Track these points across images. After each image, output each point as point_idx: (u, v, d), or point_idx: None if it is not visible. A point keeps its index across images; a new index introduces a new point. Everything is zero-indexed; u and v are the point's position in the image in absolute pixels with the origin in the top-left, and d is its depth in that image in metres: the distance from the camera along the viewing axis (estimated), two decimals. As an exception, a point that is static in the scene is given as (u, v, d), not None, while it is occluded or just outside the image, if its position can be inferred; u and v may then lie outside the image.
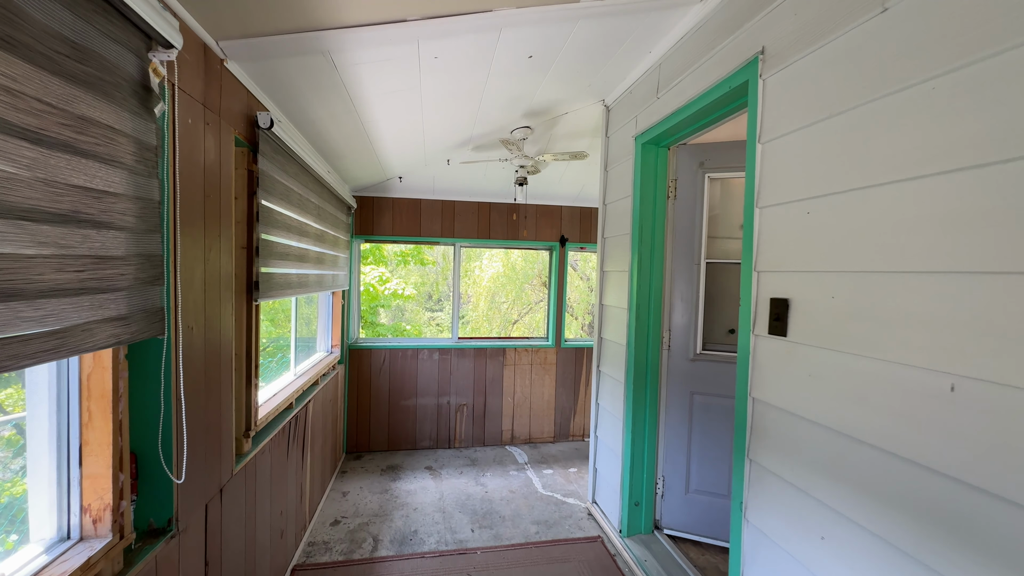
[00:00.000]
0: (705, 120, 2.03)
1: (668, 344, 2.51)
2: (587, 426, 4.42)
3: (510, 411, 4.26)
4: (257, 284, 1.78)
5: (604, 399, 2.85)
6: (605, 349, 2.85)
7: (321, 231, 2.74)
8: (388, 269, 9.80)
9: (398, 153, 3.11)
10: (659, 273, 2.48)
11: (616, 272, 2.73)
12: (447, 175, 3.71)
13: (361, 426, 4.00)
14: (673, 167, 2.47)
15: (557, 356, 4.33)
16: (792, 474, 1.40)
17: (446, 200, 4.06)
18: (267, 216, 1.86)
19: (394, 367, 4.04)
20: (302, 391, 2.62)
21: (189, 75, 1.32)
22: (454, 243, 4.17)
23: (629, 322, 2.51)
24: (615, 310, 2.72)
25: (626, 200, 2.59)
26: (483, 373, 4.19)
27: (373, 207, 3.95)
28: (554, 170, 3.73)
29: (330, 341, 3.59)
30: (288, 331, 3.30)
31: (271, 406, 2.15)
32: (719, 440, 2.41)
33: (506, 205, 4.15)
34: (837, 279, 1.26)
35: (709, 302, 2.46)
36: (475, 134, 3.01)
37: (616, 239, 2.74)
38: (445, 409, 4.13)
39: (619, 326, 2.65)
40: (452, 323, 4.23)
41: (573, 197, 4.16)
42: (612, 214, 2.81)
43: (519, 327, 10.52)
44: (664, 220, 2.48)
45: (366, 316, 7.46)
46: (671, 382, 2.50)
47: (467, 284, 10.45)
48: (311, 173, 2.49)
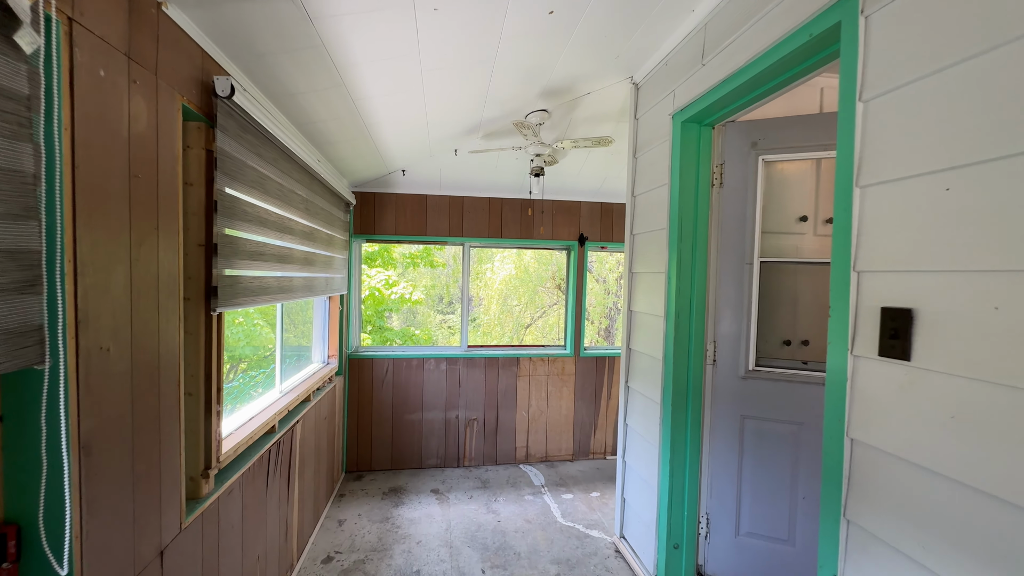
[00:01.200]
0: (766, 87, 1.65)
1: (713, 358, 2.12)
2: (609, 443, 4.04)
3: (524, 426, 3.89)
4: (216, 290, 1.45)
5: (634, 420, 2.47)
6: (635, 362, 2.48)
7: (310, 228, 2.41)
8: (397, 272, 9.52)
9: (399, 141, 2.77)
10: (702, 275, 2.10)
11: (648, 274, 2.35)
12: (455, 167, 3.37)
13: (362, 443, 3.66)
14: (718, 149, 2.09)
15: (576, 366, 3.95)
16: (921, 550, 1.01)
17: (454, 196, 3.72)
18: (231, 207, 1.53)
19: (398, 378, 3.70)
20: (288, 411, 2.29)
21: (100, 11, 0.99)
22: (463, 243, 3.83)
23: (666, 332, 2.14)
24: (647, 318, 2.34)
25: (661, 190, 2.22)
26: (495, 385, 3.84)
27: (374, 204, 3.62)
28: (573, 161, 3.36)
29: (326, 351, 3.27)
30: (288, 338, 2.98)
31: (244, 433, 1.82)
32: (777, 474, 2.02)
33: (519, 201, 3.80)
34: (1007, 283, 0.88)
35: (763, 309, 2.07)
36: (485, 118, 2.66)
37: (648, 236, 2.36)
38: (453, 424, 3.79)
39: (653, 337, 2.27)
40: (461, 330, 3.88)
41: (593, 191, 3.78)
42: (643, 207, 2.43)
43: (532, 332, 10.17)
44: (708, 212, 2.10)
45: (373, 321, 7.17)
46: (717, 403, 2.12)
47: (478, 287, 10.13)
48: (295, 160, 2.16)
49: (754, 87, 1.68)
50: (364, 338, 6.46)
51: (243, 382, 2.65)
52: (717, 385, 2.12)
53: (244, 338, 4.75)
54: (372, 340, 6.98)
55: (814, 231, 2.19)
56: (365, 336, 6.47)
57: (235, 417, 1.94)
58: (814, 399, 1.96)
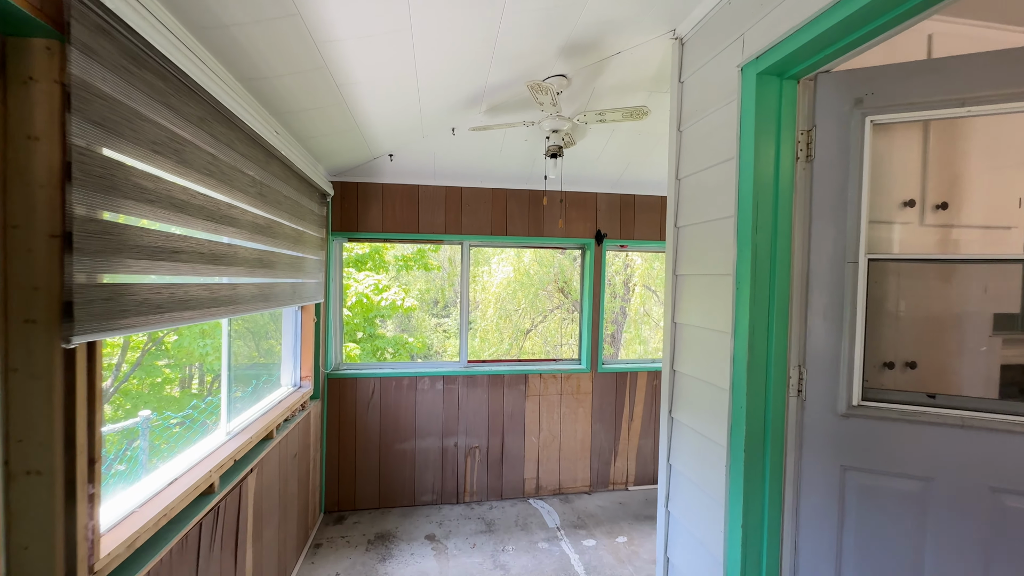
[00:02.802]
0: (892, 13, 1.14)
1: (799, 388, 1.59)
2: (631, 471, 3.50)
3: (534, 454, 3.35)
4: (73, 307, 0.90)
5: (683, 462, 1.94)
6: (683, 388, 1.95)
7: (267, 221, 1.87)
8: (389, 276, 8.98)
9: (382, 112, 2.23)
10: (784, 277, 1.58)
11: (703, 277, 1.83)
12: (451, 152, 2.83)
13: (344, 478, 3.11)
14: (804, 110, 1.57)
15: (593, 383, 3.42)
16: None
17: (451, 187, 3.18)
18: (112, 178, 0.99)
19: (386, 400, 3.15)
20: (236, 460, 1.74)
21: None
22: (462, 241, 3.29)
23: (735, 354, 1.61)
24: (702, 333, 1.81)
25: (724, 167, 1.69)
26: (500, 406, 3.30)
27: (357, 196, 3.08)
28: (591, 143, 2.84)
29: (298, 372, 2.72)
30: (245, 358, 2.44)
31: (155, 509, 1.27)
32: (895, 549, 1.49)
33: (527, 192, 3.27)
34: None
35: (871, 323, 1.55)
36: (491, 83, 2.13)
37: (702, 228, 1.84)
38: (452, 453, 3.24)
39: (711, 358, 1.75)
40: (460, 343, 3.34)
41: (613, 181, 3.26)
42: (693, 192, 1.91)
43: (532, 338, 9.65)
44: (791, 194, 1.58)
45: (364, 328, 6.60)
46: (806, 449, 1.59)
47: (474, 290, 9.60)
48: (238, 126, 1.63)
49: (865, 21, 1.18)
50: (352, 349, 5.90)
51: (187, 427, 2.09)
52: (806, 425, 1.59)
53: (213, 352, 4.20)
54: (362, 350, 6.42)
55: (920, 220, 1.67)
56: (353, 346, 5.91)
57: (146, 483, 1.39)
58: (949, 446, 1.44)
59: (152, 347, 4.43)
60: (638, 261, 8.62)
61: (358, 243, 3.51)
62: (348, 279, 5.67)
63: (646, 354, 8.98)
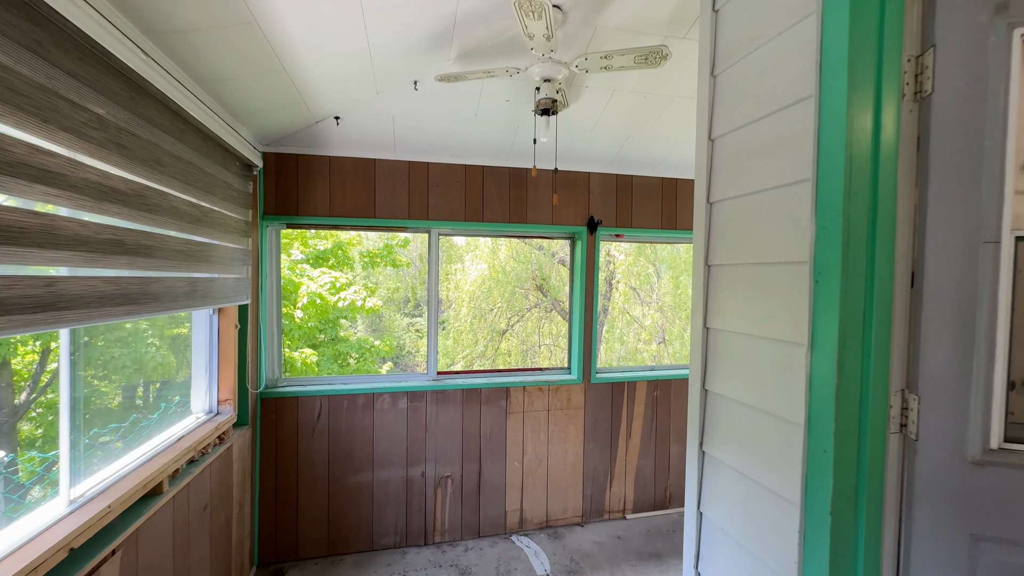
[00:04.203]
0: None
1: (902, 421, 1.12)
2: (629, 497, 3.02)
3: (517, 481, 2.83)
4: None
5: (722, 513, 1.45)
6: (720, 414, 1.46)
7: (132, 186, 1.27)
8: (354, 274, 8.30)
9: (318, 48, 1.65)
10: (886, 264, 1.10)
11: (752, 267, 1.35)
12: (415, 114, 2.27)
13: (284, 521, 2.51)
14: (916, 25, 1.10)
15: (585, 396, 2.92)
16: None
17: (415, 162, 2.62)
18: None
19: (337, 423, 2.57)
20: (78, 543, 1.15)
21: None
22: (429, 229, 2.73)
23: (812, 375, 1.13)
24: (751, 343, 1.33)
25: (791, 113, 1.21)
26: (476, 426, 2.76)
27: (297, 170, 2.48)
28: (586, 110, 2.33)
29: (214, 394, 2.10)
30: (144, 372, 1.86)
31: None
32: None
33: (508, 170, 2.74)
34: None
35: (1020, 331, 1.09)
36: (463, 9, 1.59)
37: (750, 201, 1.35)
38: (418, 485, 2.68)
39: (767, 377, 1.26)
40: (428, 352, 2.78)
41: (609, 159, 2.76)
42: (733, 154, 1.43)
43: (509, 339, 9.14)
44: (896, 146, 1.10)
45: (325, 331, 5.91)
46: (920, 509, 1.12)
47: (447, 288, 9.03)
48: (57, 24, 1.03)
49: None
50: (308, 355, 5.23)
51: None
52: (918, 475, 1.11)
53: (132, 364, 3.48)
54: (322, 356, 5.74)
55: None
56: (310, 352, 5.24)
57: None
58: None
59: None
60: (620, 257, 8.22)
61: (298, 229, 2.91)
62: (302, 276, 5.01)
63: (627, 357, 8.60)
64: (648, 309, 8.71)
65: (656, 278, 8.65)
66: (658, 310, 8.69)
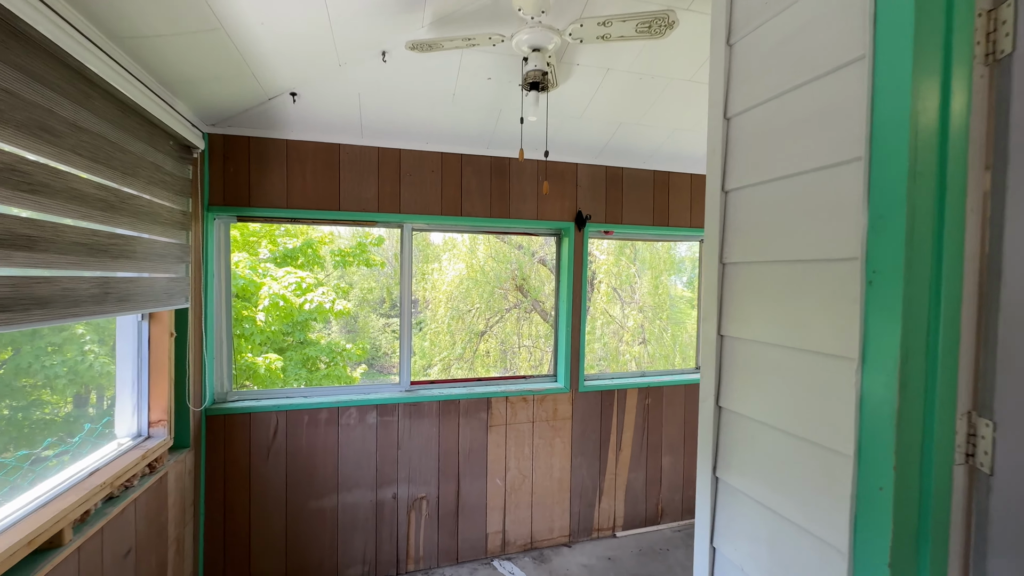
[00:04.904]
0: None
1: (969, 450, 0.93)
2: (619, 513, 2.82)
3: (499, 501, 2.59)
4: None
5: (742, 552, 1.24)
6: (738, 437, 1.26)
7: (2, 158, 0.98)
8: (327, 273, 7.90)
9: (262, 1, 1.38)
10: (954, 263, 0.91)
11: (782, 265, 1.14)
12: (384, 92, 2.01)
13: (234, 555, 2.20)
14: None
15: (573, 406, 2.70)
16: None
17: (385, 148, 2.35)
18: None
19: (296, 442, 2.28)
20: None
21: None
22: (401, 223, 2.47)
23: (864, 395, 0.93)
24: (781, 355, 1.12)
25: (833, 81, 1.00)
26: (454, 441, 2.51)
27: (249, 155, 2.18)
28: (576, 93, 2.10)
29: (143, 415, 1.79)
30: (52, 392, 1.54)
31: None
32: None
33: (490, 160, 2.50)
34: None
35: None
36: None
37: (780, 187, 1.15)
38: (390, 508, 2.41)
39: (803, 396, 1.06)
40: (401, 359, 2.52)
41: (598, 148, 2.55)
42: (756, 133, 1.22)
43: (488, 341, 8.89)
44: (966, 122, 0.91)
45: (293, 334, 5.52)
46: (995, 555, 0.93)
47: (423, 288, 8.72)
48: None
49: None
50: (273, 361, 4.86)
51: None
52: (994, 518, 0.92)
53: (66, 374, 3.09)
54: (288, 362, 5.36)
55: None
56: (273, 359, 4.86)
57: None
58: None
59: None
60: (601, 257, 8.06)
61: (251, 223, 2.60)
62: (264, 276, 4.65)
63: (607, 359, 8.46)
64: (630, 310, 8.59)
65: (638, 278, 8.54)
66: (639, 310, 8.58)
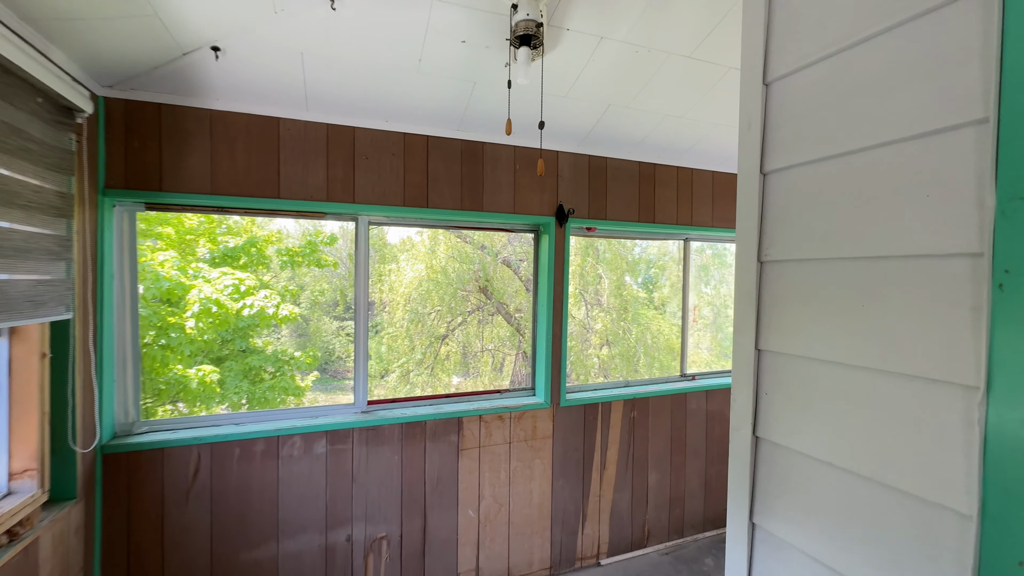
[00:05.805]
0: None
1: None
2: (604, 538, 2.56)
3: (472, 535, 2.26)
4: None
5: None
6: (785, 474, 1.00)
7: None
8: (274, 274, 7.24)
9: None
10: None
11: (846, 263, 0.89)
12: (332, 52, 1.64)
13: (142, 625, 1.75)
14: None
15: (554, 423, 2.42)
16: None
17: (336, 125, 1.98)
18: None
19: (224, 481, 1.86)
20: None
21: None
22: (356, 215, 2.09)
23: (989, 436, 0.68)
24: (847, 376, 0.87)
25: (927, 21, 0.76)
26: (420, 470, 2.16)
27: (160, 127, 1.75)
28: (563, 62, 1.81)
29: (2, 464, 1.34)
30: None
31: None
32: None
33: (462, 143, 2.17)
34: None
35: None
36: None
37: (844, 164, 0.90)
38: (343, 552, 2.03)
39: (881, 432, 0.80)
40: (356, 374, 2.14)
41: (582, 135, 2.28)
42: (809, 99, 0.97)
43: (449, 344, 8.49)
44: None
45: (233, 342, 4.92)
46: None
47: (380, 290, 8.21)
48: None
49: None
50: (207, 373, 4.28)
51: None
52: None
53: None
54: (226, 373, 4.77)
55: None
56: (208, 370, 4.28)
57: None
58: None
59: None
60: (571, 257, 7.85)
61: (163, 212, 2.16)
62: (195, 277, 4.08)
63: (576, 363, 8.27)
64: (596, 312, 8.45)
65: (603, 278, 8.41)
66: (604, 311, 8.46)
